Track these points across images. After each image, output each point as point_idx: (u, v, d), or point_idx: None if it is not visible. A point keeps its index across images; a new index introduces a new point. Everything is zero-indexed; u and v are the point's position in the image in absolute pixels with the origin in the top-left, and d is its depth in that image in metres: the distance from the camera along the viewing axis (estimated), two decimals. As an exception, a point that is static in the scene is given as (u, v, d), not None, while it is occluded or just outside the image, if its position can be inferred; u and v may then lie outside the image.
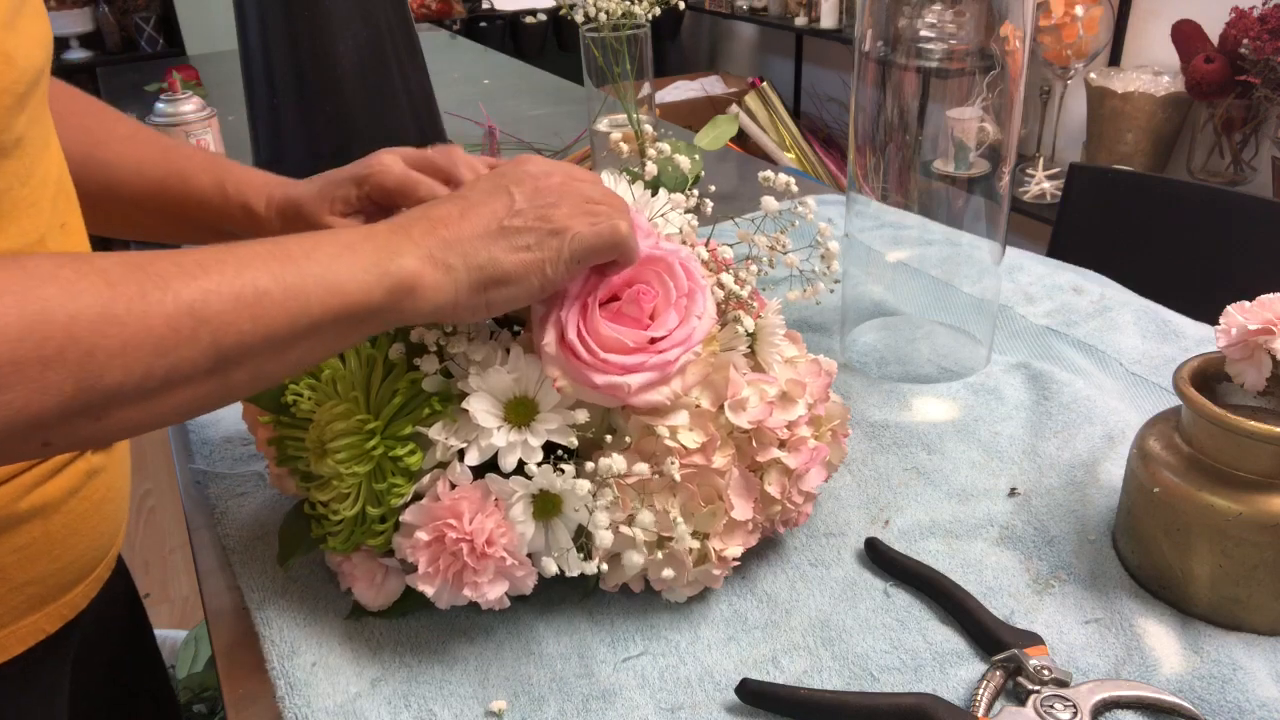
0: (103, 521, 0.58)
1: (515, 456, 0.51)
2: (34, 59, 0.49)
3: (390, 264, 0.45)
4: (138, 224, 0.67)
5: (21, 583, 0.52)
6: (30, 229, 0.50)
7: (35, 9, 0.50)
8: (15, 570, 0.52)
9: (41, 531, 0.53)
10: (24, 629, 0.53)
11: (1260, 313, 0.54)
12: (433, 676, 0.53)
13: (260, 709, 0.52)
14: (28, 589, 0.53)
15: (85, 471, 0.55)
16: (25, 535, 0.52)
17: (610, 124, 1.15)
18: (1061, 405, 0.73)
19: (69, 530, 0.55)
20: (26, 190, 0.50)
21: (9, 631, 0.53)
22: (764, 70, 3.57)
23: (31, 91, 0.48)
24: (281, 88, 1.11)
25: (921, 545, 0.61)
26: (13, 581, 0.52)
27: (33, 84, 0.49)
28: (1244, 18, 1.76)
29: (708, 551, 0.54)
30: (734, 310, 0.57)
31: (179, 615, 1.92)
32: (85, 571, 0.57)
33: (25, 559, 0.52)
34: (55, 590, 0.55)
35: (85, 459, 0.56)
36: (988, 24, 0.71)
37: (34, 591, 0.53)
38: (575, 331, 0.50)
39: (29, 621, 0.54)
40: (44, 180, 0.52)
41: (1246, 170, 1.93)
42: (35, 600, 0.54)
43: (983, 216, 0.77)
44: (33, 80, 0.48)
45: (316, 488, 0.53)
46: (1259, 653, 0.52)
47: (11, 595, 0.52)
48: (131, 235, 0.69)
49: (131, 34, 3.26)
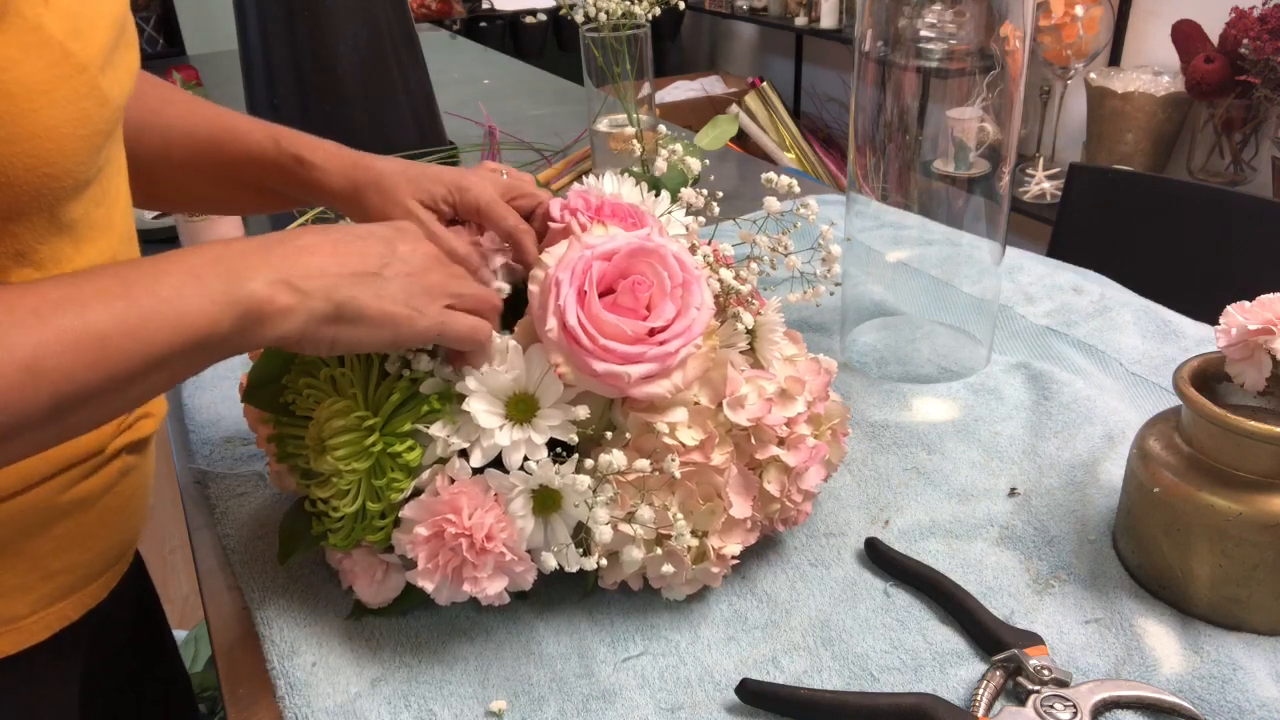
0: (130, 516, 0.60)
1: (520, 454, 0.51)
2: (125, 89, 0.49)
3: (239, 290, 0.44)
4: (188, 191, 0.67)
5: (55, 571, 0.54)
6: (105, 247, 0.51)
7: (130, 40, 0.50)
8: (51, 559, 0.54)
9: (77, 524, 0.55)
10: (51, 615, 0.55)
11: (1260, 313, 0.54)
12: (433, 676, 0.53)
13: (260, 709, 0.52)
14: (59, 577, 0.55)
15: (120, 470, 0.57)
16: (63, 527, 0.54)
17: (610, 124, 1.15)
18: (1061, 405, 0.73)
19: (101, 523, 0.57)
20: (102, 210, 0.50)
21: (38, 618, 0.54)
22: (764, 70, 3.57)
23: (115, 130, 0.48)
24: (281, 88, 1.11)
25: (921, 545, 0.61)
26: (47, 569, 0.54)
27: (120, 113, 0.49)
28: (1244, 18, 1.76)
29: (706, 549, 0.54)
30: (734, 307, 0.57)
31: (179, 615, 1.92)
32: (111, 562, 0.59)
33: (60, 549, 0.54)
34: (83, 580, 0.57)
35: (121, 459, 0.57)
36: (988, 24, 0.71)
37: (64, 580, 0.55)
38: (575, 317, 0.50)
39: (56, 609, 0.55)
40: (116, 198, 0.52)
41: (1246, 170, 1.93)
42: (65, 588, 0.56)
43: (983, 216, 0.77)
44: (121, 110, 0.48)
45: (316, 485, 0.53)
46: (1259, 653, 0.52)
47: (44, 583, 0.54)
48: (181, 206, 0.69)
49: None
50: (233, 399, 0.79)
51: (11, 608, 0.52)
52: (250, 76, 1.14)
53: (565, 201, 0.60)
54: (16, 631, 0.53)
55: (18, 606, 0.53)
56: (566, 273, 0.51)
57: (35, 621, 0.54)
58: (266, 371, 0.56)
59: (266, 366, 0.56)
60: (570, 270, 0.51)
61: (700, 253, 0.58)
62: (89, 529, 0.56)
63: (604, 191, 0.61)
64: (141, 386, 0.43)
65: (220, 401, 0.79)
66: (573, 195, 0.60)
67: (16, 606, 0.53)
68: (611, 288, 0.53)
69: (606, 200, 0.59)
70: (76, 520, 0.55)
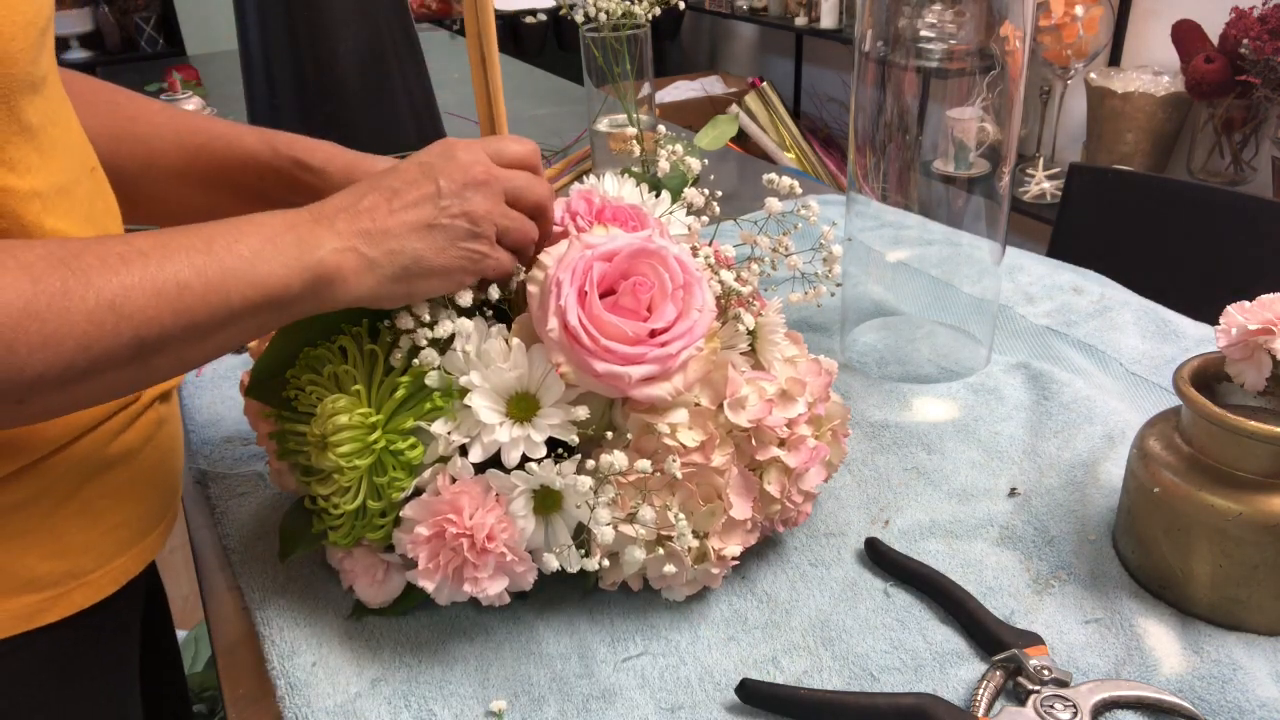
0: (170, 468, 0.62)
1: (519, 452, 0.51)
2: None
3: (310, 256, 0.46)
4: (178, 201, 0.67)
5: (114, 525, 0.56)
6: (69, 167, 0.52)
7: None
8: (108, 513, 0.56)
9: (127, 476, 0.57)
10: (115, 569, 0.57)
11: (1260, 313, 0.54)
12: (433, 676, 0.53)
13: (260, 709, 0.52)
14: (118, 531, 0.57)
15: (155, 421, 0.59)
16: (114, 479, 0.56)
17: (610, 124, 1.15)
18: (1061, 405, 0.73)
19: (147, 474, 0.58)
20: (59, 131, 0.52)
21: (103, 572, 0.56)
22: (764, 70, 3.57)
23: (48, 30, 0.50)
24: (281, 88, 1.11)
25: (921, 545, 0.61)
26: (107, 524, 0.56)
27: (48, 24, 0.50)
28: (1244, 18, 1.76)
29: (706, 550, 0.54)
30: (734, 308, 0.57)
31: (179, 615, 1.91)
32: (161, 515, 0.61)
33: (116, 502, 0.56)
34: (139, 533, 0.58)
35: (154, 409, 0.59)
36: (988, 24, 0.71)
37: (123, 534, 0.57)
38: (576, 317, 0.50)
39: (118, 564, 0.57)
40: (68, 126, 0.54)
41: (1246, 170, 1.93)
42: (124, 542, 0.57)
43: (983, 216, 0.77)
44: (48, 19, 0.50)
45: (317, 482, 0.53)
46: (1259, 653, 0.52)
47: (104, 538, 0.56)
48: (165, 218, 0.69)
49: (131, 34, 3.26)
50: (233, 399, 0.79)
51: (80, 563, 0.54)
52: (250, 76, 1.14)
53: (567, 203, 0.60)
54: (86, 586, 0.55)
55: (85, 561, 0.54)
56: (568, 273, 0.51)
57: (102, 575, 0.56)
58: (269, 366, 0.56)
59: (269, 361, 0.56)
60: (571, 270, 0.51)
61: (701, 254, 0.58)
62: (137, 479, 0.58)
63: (606, 192, 0.61)
64: (218, 339, 0.45)
65: (220, 402, 0.79)
66: (574, 196, 0.60)
67: (84, 561, 0.54)
68: (612, 288, 0.53)
69: (608, 202, 0.59)
70: (125, 471, 0.56)
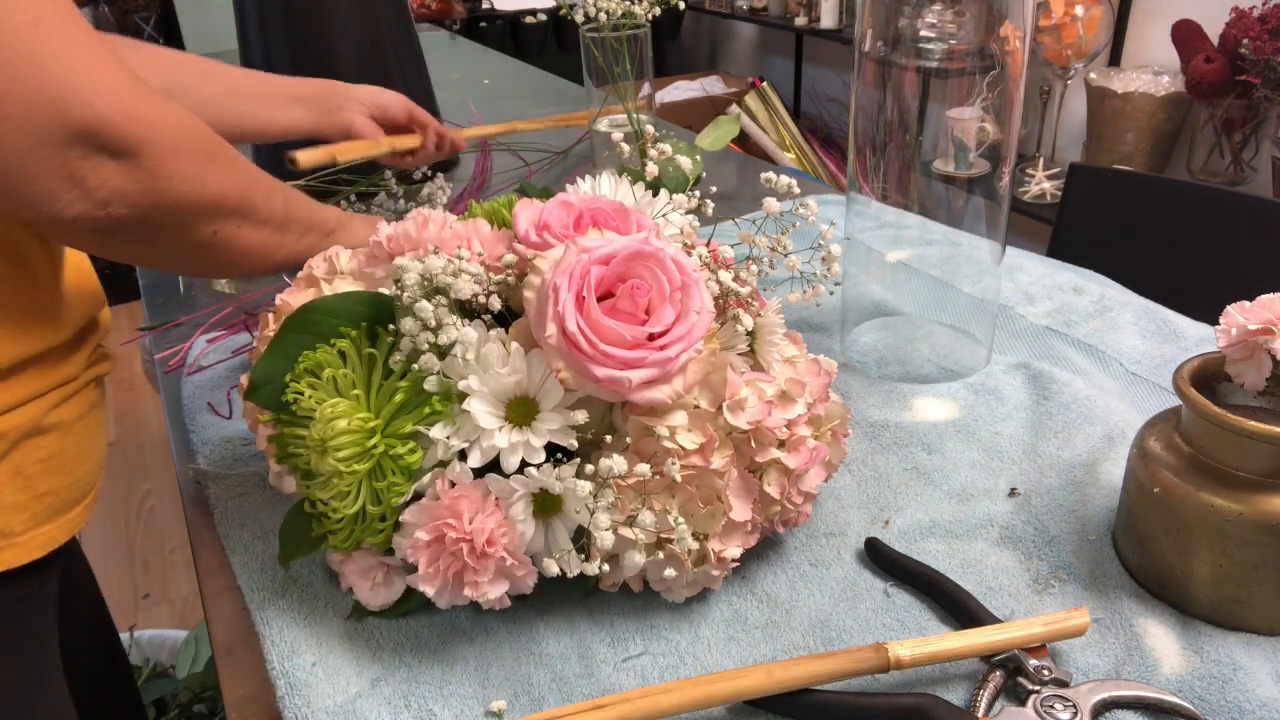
0: (95, 450, 0.68)
1: (518, 457, 0.51)
2: None
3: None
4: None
5: (43, 491, 0.62)
6: None
7: None
8: (39, 480, 0.61)
9: (58, 447, 0.63)
10: (42, 535, 0.62)
11: (1260, 313, 0.54)
12: (433, 676, 0.53)
13: (260, 709, 0.52)
14: (47, 498, 0.62)
15: (88, 402, 0.66)
16: (46, 448, 0.62)
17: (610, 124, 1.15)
18: (1061, 405, 0.73)
19: (76, 450, 0.65)
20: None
21: (30, 535, 0.61)
22: (764, 70, 3.57)
23: None
24: (281, 88, 1.11)
25: (921, 545, 0.61)
26: (36, 490, 0.61)
27: None
28: (1244, 18, 1.76)
29: (706, 552, 0.54)
30: (733, 309, 0.57)
31: (179, 615, 1.92)
32: (84, 491, 0.66)
33: (46, 470, 0.62)
34: (64, 505, 0.64)
35: (89, 389, 0.67)
36: (988, 24, 0.71)
37: (51, 502, 0.62)
38: (575, 323, 0.50)
39: (45, 530, 0.62)
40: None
41: (1246, 170, 1.93)
42: (51, 511, 0.63)
43: (983, 216, 0.77)
44: None
45: (317, 486, 0.53)
46: (1259, 653, 0.52)
47: (35, 502, 0.61)
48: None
49: (131, 34, 3.26)
50: (233, 399, 0.79)
51: (9, 522, 0.60)
52: (250, 77, 1.14)
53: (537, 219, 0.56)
54: (15, 547, 0.60)
55: (14, 523, 0.60)
56: (565, 278, 0.50)
57: (30, 539, 0.61)
58: (268, 371, 0.56)
59: (268, 365, 0.56)
60: (569, 275, 0.50)
61: (696, 253, 0.58)
62: (67, 451, 0.63)
63: (595, 193, 0.60)
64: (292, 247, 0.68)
65: (220, 404, 0.79)
66: (550, 205, 0.57)
67: (13, 522, 0.60)
68: (610, 291, 0.53)
69: (587, 207, 0.57)
70: (58, 443, 0.62)
